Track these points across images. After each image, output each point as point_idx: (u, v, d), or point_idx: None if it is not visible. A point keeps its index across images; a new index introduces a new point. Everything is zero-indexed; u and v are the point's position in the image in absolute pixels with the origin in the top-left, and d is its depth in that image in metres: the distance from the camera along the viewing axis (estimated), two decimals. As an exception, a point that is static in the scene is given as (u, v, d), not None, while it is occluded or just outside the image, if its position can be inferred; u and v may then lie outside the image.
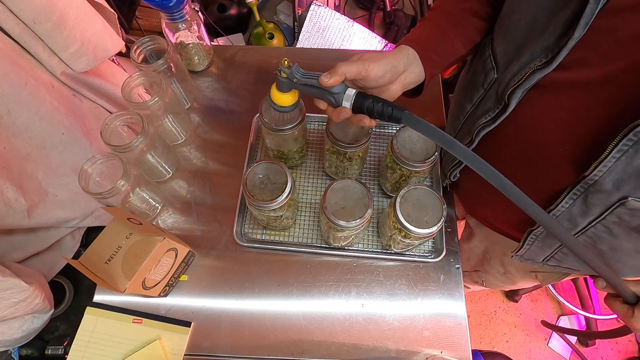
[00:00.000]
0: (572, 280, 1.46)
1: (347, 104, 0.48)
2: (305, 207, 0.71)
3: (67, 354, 0.62)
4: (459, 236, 0.71)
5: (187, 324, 0.63)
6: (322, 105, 0.51)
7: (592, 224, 0.45)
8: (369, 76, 0.48)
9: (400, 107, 0.48)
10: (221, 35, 1.33)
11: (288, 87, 0.50)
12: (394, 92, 0.52)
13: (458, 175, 0.63)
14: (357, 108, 0.48)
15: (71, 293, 0.70)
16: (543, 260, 0.57)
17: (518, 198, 0.40)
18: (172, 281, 0.63)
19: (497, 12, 0.52)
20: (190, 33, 0.76)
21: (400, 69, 0.51)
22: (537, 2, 0.43)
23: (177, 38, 0.76)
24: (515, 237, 0.60)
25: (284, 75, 0.48)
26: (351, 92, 0.48)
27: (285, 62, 0.47)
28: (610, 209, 0.42)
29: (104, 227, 0.57)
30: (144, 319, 0.63)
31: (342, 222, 0.54)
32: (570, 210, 0.46)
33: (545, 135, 0.46)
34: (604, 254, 0.49)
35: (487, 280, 0.88)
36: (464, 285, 0.66)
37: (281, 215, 0.61)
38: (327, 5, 1.22)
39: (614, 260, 0.49)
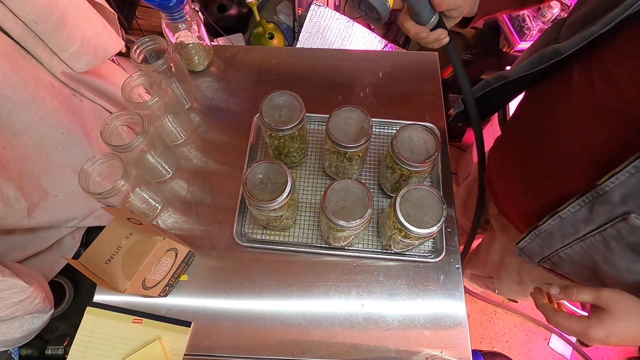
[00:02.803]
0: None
1: (436, 18, 0.53)
2: (305, 207, 0.71)
3: (67, 354, 0.62)
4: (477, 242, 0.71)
5: (187, 324, 0.63)
6: (413, 29, 0.54)
7: (592, 233, 0.46)
8: None
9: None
10: (221, 35, 1.33)
11: None
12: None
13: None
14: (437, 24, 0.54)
15: (71, 293, 0.70)
16: (540, 260, 0.57)
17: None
18: (172, 281, 0.63)
19: None
20: (190, 33, 0.76)
21: None
22: None
23: (177, 38, 0.76)
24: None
25: None
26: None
27: None
28: (612, 222, 0.43)
29: (104, 227, 0.57)
30: (144, 319, 0.63)
31: (342, 222, 0.54)
32: (576, 215, 0.46)
33: (576, 136, 0.47)
34: (597, 265, 0.49)
35: (499, 289, 0.88)
36: (473, 288, 0.67)
37: (281, 215, 0.61)
38: (327, 5, 1.22)
39: (606, 276, 0.50)
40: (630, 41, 0.41)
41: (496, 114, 1.33)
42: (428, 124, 0.73)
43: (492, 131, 1.45)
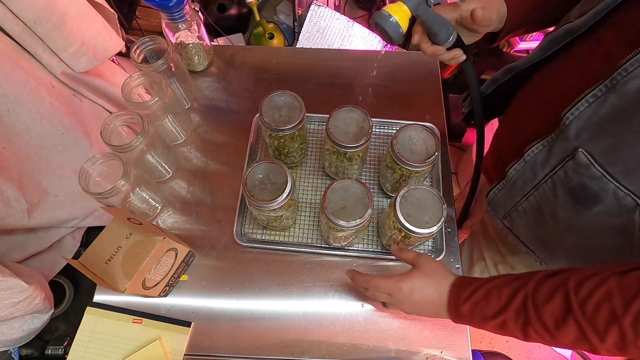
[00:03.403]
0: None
1: (454, 38, 0.53)
2: (305, 207, 0.71)
3: (67, 354, 0.62)
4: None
5: (187, 324, 0.63)
6: (429, 49, 0.55)
7: (545, 178, 0.48)
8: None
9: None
10: (221, 35, 1.33)
11: (416, 5, 0.50)
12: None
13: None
14: (454, 44, 0.54)
15: (71, 293, 0.70)
16: (503, 216, 0.60)
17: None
18: (172, 281, 0.63)
19: None
20: (190, 33, 0.76)
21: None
22: None
23: (177, 38, 0.76)
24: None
25: None
26: (456, 30, 0.54)
27: None
28: (564, 161, 0.45)
29: (104, 227, 0.57)
30: (144, 319, 0.63)
31: (342, 222, 0.54)
32: (537, 156, 0.49)
33: (559, 87, 0.50)
34: (545, 223, 0.52)
35: None
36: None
37: (281, 215, 0.61)
38: (327, 5, 1.22)
39: (551, 236, 0.53)
40: (630, 14, 0.42)
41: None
42: (428, 124, 0.73)
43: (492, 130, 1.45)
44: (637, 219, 0.41)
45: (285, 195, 0.54)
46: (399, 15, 0.49)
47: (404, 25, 0.50)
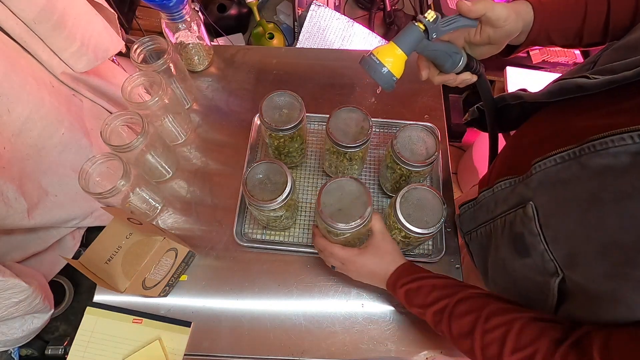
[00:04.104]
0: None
1: (463, 63, 0.50)
2: (305, 207, 0.71)
3: (67, 354, 0.62)
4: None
5: (187, 324, 0.63)
6: (437, 80, 0.54)
7: (501, 215, 0.51)
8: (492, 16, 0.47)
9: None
10: (221, 35, 1.33)
11: (412, 46, 0.44)
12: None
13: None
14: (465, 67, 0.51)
15: (71, 293, 0.70)
16: (465, 233, 0.63)
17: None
18: (172, 281, 0.63)
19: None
20: (190, 33, 0.76)
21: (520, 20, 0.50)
22: None
23: (177, 38, 0.76)
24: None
25: (421, 27, 0.43)
26: (463, 53, 0.50)
27: (431, 13, 0.43)
28: (517, 207, 0.46)
29: (104, 227, 0.57)
30: (144, 319, 0.63)
31: (341, 225, 0.51)
32: (502, 192, 0.51)
33: (547, 133, 0.49)
34: (488, 251, 0.55)
35: None
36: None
37: (281, 215, 0.61)
38: (327, 5, 1.21)
39: (492, 263, 0.55)
40: None
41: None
42: (428, 124, 0.73)
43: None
44: (552, 284, 0.43)
45: (285, 195, 0.54)
46: (393, 60, 0.44)
47: (398, 72, 0.45)
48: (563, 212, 0.40)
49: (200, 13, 0.77)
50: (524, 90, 0.58)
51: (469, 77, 0.53)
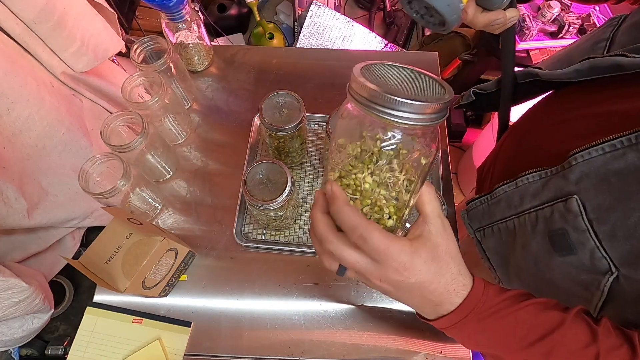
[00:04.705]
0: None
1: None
2: (305, 207, 0.71)
3: (67, 354, 0.62)
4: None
5: (187, 324, 0.63)
6: (482, 20, 0.47)
7: (531, 209, 0.46)
8: None
9: None
10: (221, 35, 1.33)
11: None
12: None
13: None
14: None
15: (71, 293, 0.70)
16: (476, 229, 0.58)
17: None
18: (172, 281, 0.63)
19: None
20: (190, 33, 0.76)
21: None
22: None
23: (177, 38, 0.76)
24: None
25: None
26: None
27: None
28: (554, 201, 0.42)
29: (104, 227, 0.57)
30: (144, 319, 0.63)
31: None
32: (530, 185, 0.46)
33: (578, 120, 0.46)
34: (513, 251, 0.50)
35: None
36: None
37: (281, 215, 0.61)
38: (327, 5, 1.22)
39: (514, 266, 0.51)
40: None
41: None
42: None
43: (492, 131, 1.45)
44: (603, 283, 0.39)
45: (285, 195, 0.54)
46: None
47: None
48: (623, 206, 0.36)
49: (200, 13, 0.77)
50: (539, 68, 0.54)
51: (515, 14, 0.47)
